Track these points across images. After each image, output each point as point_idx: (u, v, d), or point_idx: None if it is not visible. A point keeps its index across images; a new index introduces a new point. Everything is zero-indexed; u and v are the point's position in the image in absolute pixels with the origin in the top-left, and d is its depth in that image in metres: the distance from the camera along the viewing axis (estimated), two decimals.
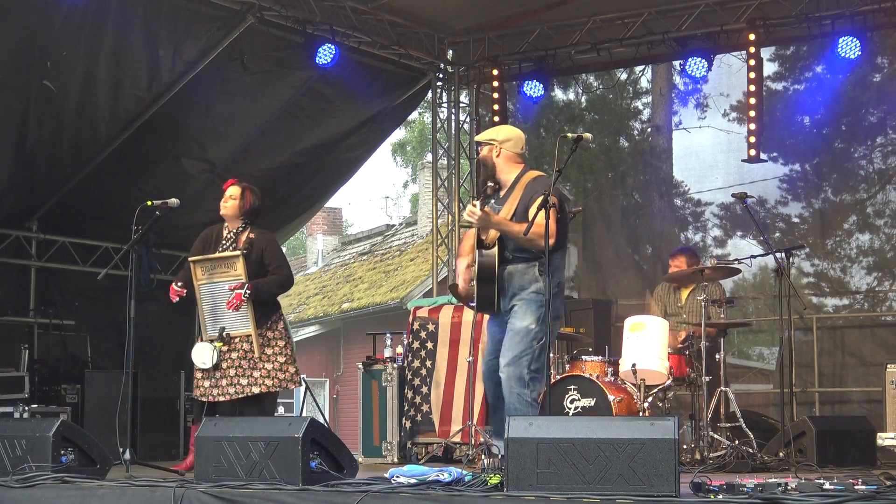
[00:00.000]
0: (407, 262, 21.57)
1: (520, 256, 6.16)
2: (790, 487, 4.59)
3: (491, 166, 6.34)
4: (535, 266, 6.13)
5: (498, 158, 6.33)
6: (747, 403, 10.99)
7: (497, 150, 6.33)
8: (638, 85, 15.76)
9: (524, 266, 6.16)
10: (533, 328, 6.09)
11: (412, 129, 30.62)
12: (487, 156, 6.35)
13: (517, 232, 6.00)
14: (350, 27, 10.86)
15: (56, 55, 9.17)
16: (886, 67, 11.95)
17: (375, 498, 4.74)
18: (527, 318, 6.10)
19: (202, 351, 7.15)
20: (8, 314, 10.36)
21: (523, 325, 6.10)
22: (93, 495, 5.34)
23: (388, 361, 9.65)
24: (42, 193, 10.44)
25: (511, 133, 6.46)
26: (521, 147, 6.43)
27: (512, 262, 6.18)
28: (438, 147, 12.62)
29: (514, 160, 6.36)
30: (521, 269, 6.16)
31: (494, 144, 6.33)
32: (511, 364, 6.10)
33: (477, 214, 5.99)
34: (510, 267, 6.18)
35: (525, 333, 6.10)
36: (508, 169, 6.34)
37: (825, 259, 12.54)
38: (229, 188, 7.40)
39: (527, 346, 6.10)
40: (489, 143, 6.36)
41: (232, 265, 7.20)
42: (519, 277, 6.16)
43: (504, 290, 6.18)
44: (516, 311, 6.14)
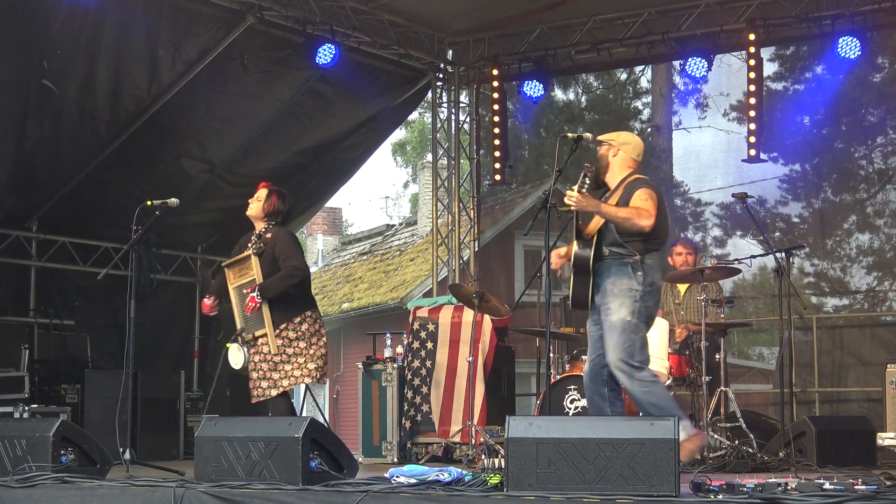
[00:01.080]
0: (407, 262, 21.57)
1: (615, 252, 6.17)
2: (790, 487, 4.60)
3: (604, 165, 6.37)
4: (629, 265, 6.14)
5: (614, 158, 6.36)
6: (747, 403, 10.99)
7: (615, 150, 6.36)
8: (638, 85, 15.79)
9: (619, 262, 6.16)
10: (629, 320, 6.07)
11: (412, 129, 30.62)
12: (604, 154, 6.38)
13: (615, 213, 6.04)
14: (350, 27, 10.86)
15: (54, 54, 9.17)
16: (886, 67, 11.97)
17: (375, 498, 4.74)
18: (621, 311, 6.09)
19: (232, 354, 7.26)
20: (8, 314, 10.36)
21: (619, 318, 6.09)
22: (93, 495, 5.34)
23: (388, 361, 9.64)
24: (42, 193, 10.44)
25: (630, 138, 6.51)
26: (638, 154, 6.43)
27: (608, 258, 6.18)
28: (438, 147, 12.62)
29: (627, 164, 6.37)
30: (615, 264, 6.16)
31: (613, 144, 6.37)
32: (616, 358, 6.09)
33: (576, 197, 5.97)
34: (605, 262, 6.19)
35: (622, 326, 6.08)
36: (620, 171, 6.36)
37: (825, 259, 12.56)
38: (259, 190, 7.47)
39: (626, 338, 6.08)
40: (609, 142, 6.39)
41: (248, 266, 7.28)
42: (613, 274, 6.16)
43: (598, 285, 6.18)
44: (610, 307, 6.12)
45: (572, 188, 6.04)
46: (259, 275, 7.17)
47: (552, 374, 8.09)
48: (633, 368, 6.07)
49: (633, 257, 6.14)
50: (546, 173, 16.49)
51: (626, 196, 6.19)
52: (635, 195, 6.12)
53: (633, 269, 6.13)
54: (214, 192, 11.40)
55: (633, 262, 6.14)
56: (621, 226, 6.08)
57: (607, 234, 6.18)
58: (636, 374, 6.08)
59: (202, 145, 10.85)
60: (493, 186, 13.36)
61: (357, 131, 11.92)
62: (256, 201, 7.42)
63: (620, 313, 6.09)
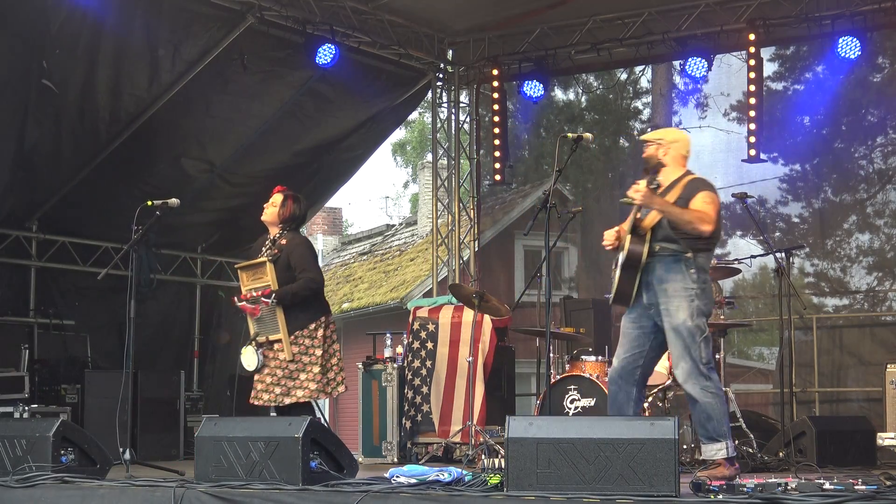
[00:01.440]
0: (407, 262, 21.56)
1: (667, 248, 6.06)
2: (790, 487, 4.60)
3: (656, 164, 6.26)
4: (682, 261, 6.04)
5: (665, 157, 6.25)
6: (747, 403, 11.00)
7: (665, 149, 6.26)
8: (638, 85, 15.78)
9: (671, 258, 6.06)
10: (689, 324, 5.97)
11: (412, 129, 30.62)
12: (654, 154, 6.26)
13: (679, 214, 5.96)
14: (350, 27, 10.86)
15: (54, 54, 9.17)
16: (886, 67, 11.96)
17: (375, 498, 4.75)
18: (679, 314, 5.98)
19: (246, 356, 7.24)
20: (8, 314, 10.36)
21: (680, 322, 5.97)
22: (93, 495, 5.35)
23: (388, 361, 9.64)
24: (42, 193, 10.44)
25: (679, 135, 6.43)
26: (688, 150, 6.35)
27: (659, 254, 6.07)
28: (438, 147, 12.62)
29: (679, 162, 6.28)
30: (667, 262, 6.06)
31: (663, 143, 6.27)
32: (682, 362, 5.98)
33: (642, 191, 5.91)
34: (655, 258, 6.07)
35: (684, 330, 5.97)
36: (672, 169, 6.24)
37: (825, 259, 12.55)
38: (274, 195, 7.46)
39: (690, 341, 5.97)
40: (657, 141, 6.28)
41: (262, 271, 7.27)
42: (664, 271, 6.05)
43: (648, 283, 6.09)
44: (668, 309, 6.00)
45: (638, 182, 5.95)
46: (274, 281, 7.17)
47: (552, 374, 8.08)
48: (701, 376, 5.94)
49: (685, 254, 6.04)
50: (546, 173, 16.48)
51: (686, 195, 6.08)
52: (698, 197, 6.01)
53: (686, 265, 6.03)
54: (214, 192, 11.40)
55: (685, 259, 6.04)
56: (682, 227, 5.99)
57: (659, 230, 6.06)
58: (702, 383, 5.94)
59: (202, 145, 10.85)
60: (493, 186, 13.35)
61: (357, 131, 11.92)
62: (272, 206, 7.40)
63: (680, 316, 5.98)
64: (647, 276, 6.07)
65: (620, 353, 6.23)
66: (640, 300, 6.11)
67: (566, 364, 8.70)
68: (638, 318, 6.16)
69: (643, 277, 6.06)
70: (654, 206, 5.97)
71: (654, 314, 6.07)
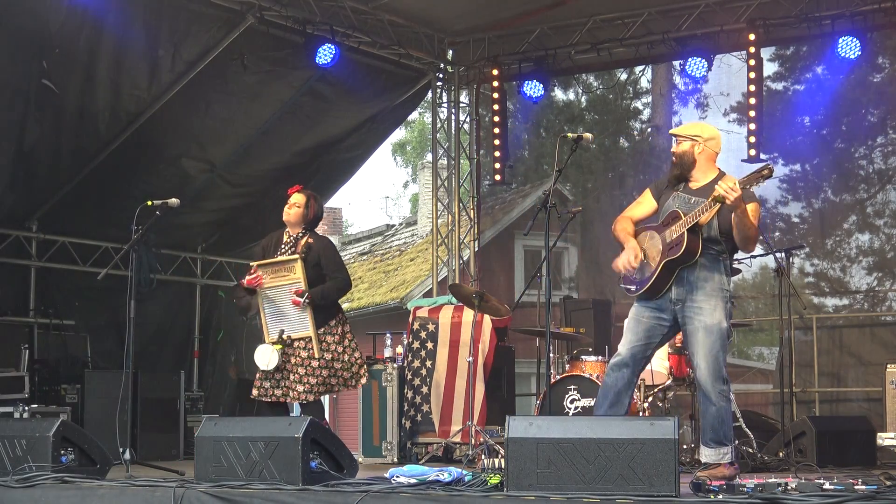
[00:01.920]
0: (407, 262, 21.56)
1: (710, 248, 5.99)
2: (790, 487, 4.59)
3: (690, 162, 6.12)
4: (720, 262, 6.00)
5: (700, 155, 6.14)
6: (747, 403, 11.00)
7: (701, 146, 6.13)
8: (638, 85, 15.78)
9: (711, 258, 5.99)
10: (725, 326, 5.94)
11: (412, 129, 30.63)
12: (689, 151, 6.13)
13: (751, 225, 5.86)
14: (350, 27, 10.85)
15: (54, 54, 9.17)
16: (886, 67, 11.96)
17: (375, 498, 4.74)
18: (716, 313, 5.92)
19: (265, 353, 7.20)
20: (8, 314, 10.36)
21: (715, 322, 5.91)
22: (93, 495, 5.34)
23: (388, 361, 9.65)
24: (42, 193, 10.44)
25: (714, 132, 6.25)
26: (720, 148, 6.25)
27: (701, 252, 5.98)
28: (438, 147, 12.62)
29: (712, 160, 6.18)
30: (708, 260, 5.98)
31: (699, 141, 6.13)
32: (711, 362, 5.91)
33: (738, 193, 5.71)
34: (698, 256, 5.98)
35: (720, 331, 5.92)
36: (707, 167, 6.13)
37: (825, 259, 12.56)
38: (294, 195, 7.48)
39: (723, 343, 5.94)
40: (693, 138, 6.15)
41: (291, 269, 7.28)
42: (705, 269, 5.98)
43: (683, 279, 5.98)
44: (703, 307, 5.93)
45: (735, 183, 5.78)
46: (304, 279, 7.20)
47: (552, 374, 8.08)
48: (722, 379, 5.92)
49: (723, 254, 6.01)
50: (546, 173, 16.47)
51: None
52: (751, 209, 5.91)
53: (725, 266, 6.00)
54: (214, 192, 11.40)
55: (724, 260, 6.00)
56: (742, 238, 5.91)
57: (706, 229, 5.98)
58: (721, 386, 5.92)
59: (202, 145, 10.85)
60: (493, 186, 13.35)
61: (357, 131, 11.92)
62: (296, 207, 7.42)
63: (716, 316, 5.92)
64: (685, 273, 5.99)
65: (631, 339, 6.11)
66: (668, 294, 6.03)
67: (566, 364, 8.70)
68: (658, 309, 6.07)
69: (678, 273, 5.99)
70: (740, 208, 5.83)
71: (679, 310, 6.00)
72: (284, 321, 7.24)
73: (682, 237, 5.93)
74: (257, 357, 7.20)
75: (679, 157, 6.17)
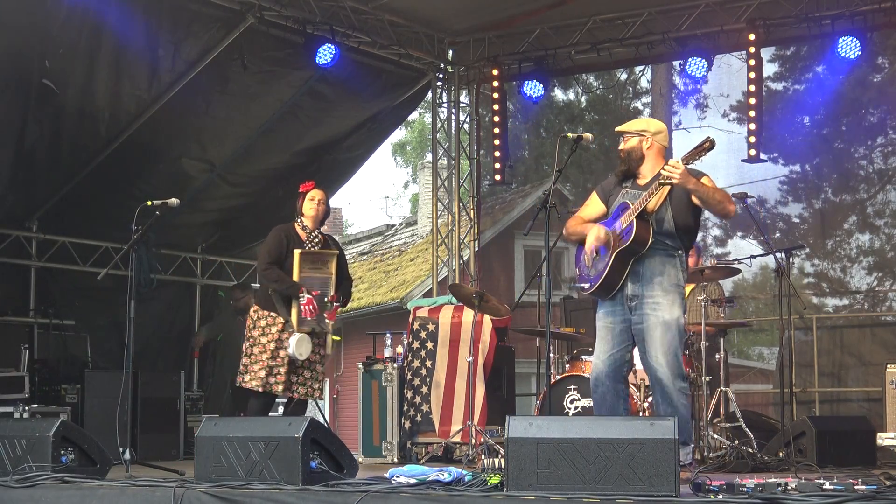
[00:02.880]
0: (407, 262, 21.56)
1: (664, 242, 5.96)
2: (790, 487, 4.59)
3: (639, 158, 6.10)
4: (676, 257, 5.95)
5: (648, 150, 6.10)
6: (747, 403, 11.00)
7: (649, 140, 6.11)
8: (638, 85, 15.80)
9: (666, 253, 5.95)
10: (681, 322, 5.91)
11: (412, 129, 30.65)
12: (637, 147, 6.11)
13: (712, 191, 5.81)
14: (350, 27, 10.85)
15: (54, 54, 9.17)
16: (886, 67, 11.98)
17: (375, 498, 4.74)
18: (674, 309, 5.89)
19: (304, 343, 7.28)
20: (8, 314, 10.35)
21: (674, 318, 5.88)
22: (93, 495, 5.34)
23: (388, 361, 9.64)
24: (42, 193, 10.44)
25: (661, 126, 6.25)
26: (668, 141, 6.22)
27: (654, 247, 5.92)
28: (438, 147, 12.62)
29: (661, 153, 6.15)
30: (663, 255, 5.94)
31: (646, 136, 6.11)
32: (671, 359, 5.87)
33: (681, 169, 5.69)
34: (650, 250, 5.92)
35: (678, 327, 5.89)
36: (655, 163, 6.09)
37: (825, 259, 12.58)
38: (315, 191, 7.64)
39: (681, 339, 5.92)
40: (640, 133, 6.13)
41: (327, 263, 7.49)
42: (660, 264, 5.93)
43: (638, 273, 5.94)
44: (660, 303, 5.88)
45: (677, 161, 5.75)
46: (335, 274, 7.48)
47: (552, 374, 8.08)
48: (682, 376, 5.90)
49: (678, 250, 5.97)
50: (546, 173, 16.50)
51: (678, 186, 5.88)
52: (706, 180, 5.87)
53: (681, 261, 5.95)
54: (214, 192, 11.40)
55: (679, 255, 5.96)
56: (713, 206, 5.84)
57: (660, 223, 5.93)
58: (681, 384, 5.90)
59: (202, 145, 10.85)
60: (493, 186, 13.37)
61: (357, 131, 11.92)
62: (321, 204, 7.61)
63: (674, 312, 5.89)
64: (638, 267, 5.93)
65: (606, 349, 6.05)
66: (622, 291, 5.97)
67: (566, 364, 8.69)
68: (617, 311, 6.02)
69: (632, 267, 5.93)
70: (690, 185, 5.79)
71: (636, 306, 5.95)
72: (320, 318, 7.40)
73: (630, 225, 5.90)
74: (296, 345, 7.24)
75: (627, 153, 6.15)
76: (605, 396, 6.05)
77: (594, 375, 6.11)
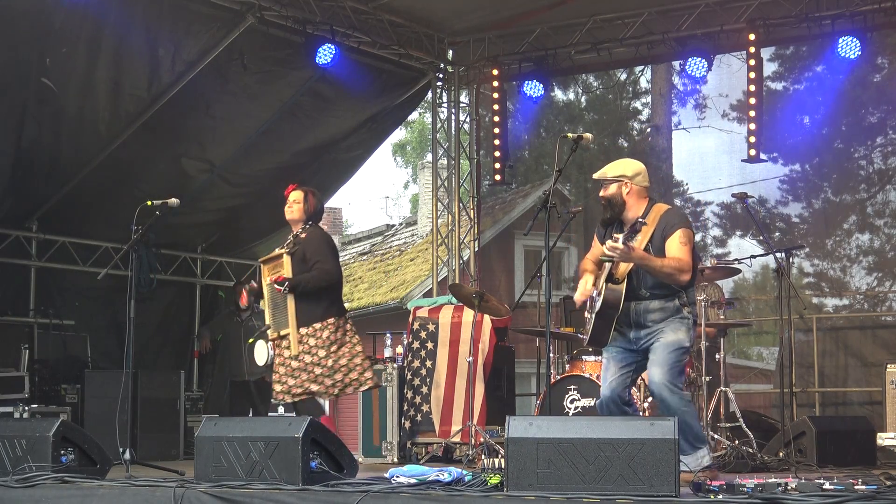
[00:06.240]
0: (407, 262, 21.55)
1: (657, 293, 5.95)
2: (790, 487, 4.59)
3: (620, 205, 6.04)
4: (674, 300, 5.94)
5: (629, 196, 6.03)
6: (748, 404, 10.99)
7: (628, 186, 6.03)
8: (637, 85, 15.77)
9: (661, 302, 5.95)
10: (686, 344, 5.92)
11: (412, 129, 30.63)
12: (617, 193, 6.04)
13: (659, 266, 5.80)
14: (350, 27, 10.85)
15: (56, 53, 9.17)
16: (886, 67, 11.95)
17: (375, 498, 4.74)
18: (679, 333, 5.91)
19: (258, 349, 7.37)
20: (8, 314, 10.36)
21: (676, 338, 5.90)
22: (93, 495, 5.34)
23: (388, 361, 9.64)
24: (42, 193, 10.44)
25: (638, 167, 6.14)
26: (648, 180, 6.14)
27: (648, 299, 5.95)
28: (438, 147, 12.62)
29: (642, 195, 6.07)
30: (658, 304, 5.95)
31: (624, 181, 6.03)
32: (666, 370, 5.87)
33: (619, 248, 5.68)
34: (646, 303, 5.95)
35: (677, 346, 5.89)
36: (637, 205, 6.05)
37: (825, 259, 12.55)
38: (292, 193, 7.58)
39: (678, 358, 5.90)
40: (618, 179, 6.05)
41: (281, 265, 7.40)
42: (659, 313, 5.96)
43: (640, 324, 5.96)
44: (664, 330, 5.94)
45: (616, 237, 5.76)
46: (290, 273, 7.30)
47: (552, 374, 8.08)
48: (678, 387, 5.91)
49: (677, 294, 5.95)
50: (546, 173, 16.48)
51: (662, 231, 5.92)
52: (674, 238, 5.85)
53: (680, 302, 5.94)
54: (214, 192, 11.40)
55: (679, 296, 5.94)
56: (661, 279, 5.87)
57: (646, 276, 5.92)
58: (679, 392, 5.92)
59: (202, 145, 10.85)
60: (493, 186, 13.34)
61: (357, 131, 11.92)
62: (295, 204, 7.52)
63: (678, 335, 5.90)
64: (639, 318, 5.98)
65: (608, 377, 6.10)
66: (626, 336, 6.03)
67: (566, 364, 8.70)
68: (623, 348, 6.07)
69: (633, 319, 5.97)
70: (634, 261, 5.80)
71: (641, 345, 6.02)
72: (276, 317, 7.30)
73: (601, 289, 5.97)
74: (254, 354, 7.33)
75: (608, 200, 6.09)
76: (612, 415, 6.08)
77: (601, 401, 6.17)
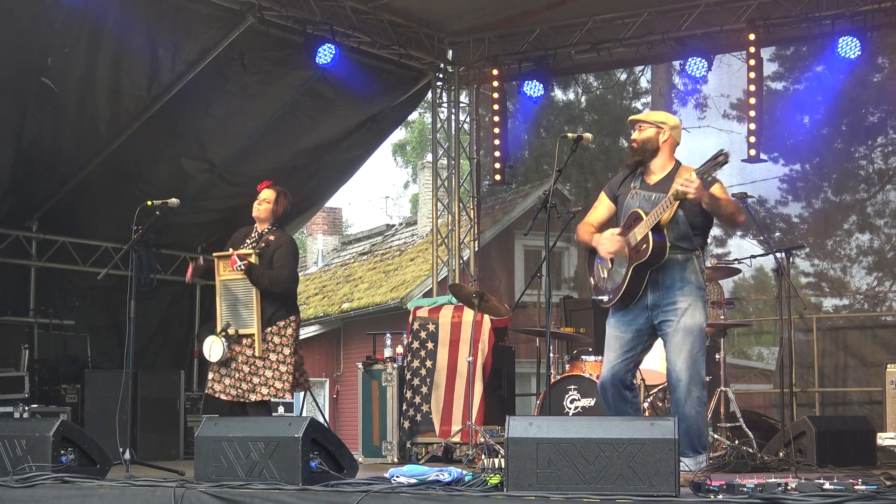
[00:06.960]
0: (407, 262, 21.55)
1: (680, 246, 5.80)
2: (790, 487, 4.59)
3: (653, 150, 5.94)
4: (693, 258, 5.83)
5: (664, 143, 5.95)
6: (748, 403, 10.99)
7: (666, 133, 5.95)
8: (638, 85, 15.78)
9: (683, 257, 5.82)
10: (704, 327, 5.80)
11: (412, 129, 30.64)
12: (653, 138, 5.95)
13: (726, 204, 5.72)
14: (350, 27, 10.86)
15: (57, 53, 9.17)
16: (886, 67, 11.96)
17: (375, 498, 4.74)
18: (696, 315, 5.77)
19: (210, 345, 7.20)
20: (8, 314, 10.36)
21: (696, 324, 5.76)
22: (93, 495, 5.34)
23: (388, 361, 9.65)
24: (42, 193, 10.44)
25: (678, 122, 6.08)
26: (681, 138, 6.09)
27: (671, 252, 5.77)
28: (438, 147, 12.62)
29: (673, 150, 6.00)
30: (680, 259, 5.81)
31: (664, 128, 5.95)
32: (691, 365, 5.74)
33: (696, 183, 5.55)
34: (670, 258, 5.78)
35: (700, 332, 5.77)
36: (667, 158, 5.97)
37: (825, 259, 12.55)
38: (264, 191, 7.47)
39: (702, 345, 5.80)
40: (658, 125, 5.96)
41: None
42: (679, 269, 5.81)
43: (658, 282, 5.81)
44: (682, 308, 5.76)
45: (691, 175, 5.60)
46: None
47: (552, 374, 8.08)
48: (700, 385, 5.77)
49: (695, 252, 5.85)
50: (546, 173, 16.48)
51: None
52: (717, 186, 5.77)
53: (699, 263, 5.83)
54: (214, 192, 11.40)
55: (697, 257, 5.84)
56: (726, 219, 5.80)
57: (675, 227, 5.79)
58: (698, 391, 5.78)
59: (202, 145, 10.85)
60: (493, 186, 13.36)
61: (357, 131, 11.92)
62: (266, 203, 7.42)
63: (696, 318, 5.77)
64: (659, 275, 5.82)
65: (611, 358, 5.97)
66: (642, 300, 5.87)
67: (566, 364, 8.69)
68: (632, 319, 5.92)
69: (651, 276, 5.82)
70: (705, 198, 5.66)
71: (657, 314, 5.86)
72: (235, 315, 7.24)
73: (646, 238, 5.77)
74: (204, 347, 7.22)
75: (641, 143, 5.98)
76: (614, 402, 5.99)
77: (601, 382, 6.07)
